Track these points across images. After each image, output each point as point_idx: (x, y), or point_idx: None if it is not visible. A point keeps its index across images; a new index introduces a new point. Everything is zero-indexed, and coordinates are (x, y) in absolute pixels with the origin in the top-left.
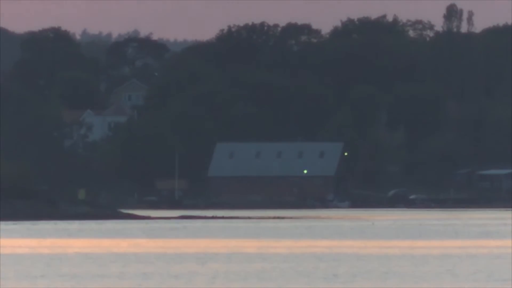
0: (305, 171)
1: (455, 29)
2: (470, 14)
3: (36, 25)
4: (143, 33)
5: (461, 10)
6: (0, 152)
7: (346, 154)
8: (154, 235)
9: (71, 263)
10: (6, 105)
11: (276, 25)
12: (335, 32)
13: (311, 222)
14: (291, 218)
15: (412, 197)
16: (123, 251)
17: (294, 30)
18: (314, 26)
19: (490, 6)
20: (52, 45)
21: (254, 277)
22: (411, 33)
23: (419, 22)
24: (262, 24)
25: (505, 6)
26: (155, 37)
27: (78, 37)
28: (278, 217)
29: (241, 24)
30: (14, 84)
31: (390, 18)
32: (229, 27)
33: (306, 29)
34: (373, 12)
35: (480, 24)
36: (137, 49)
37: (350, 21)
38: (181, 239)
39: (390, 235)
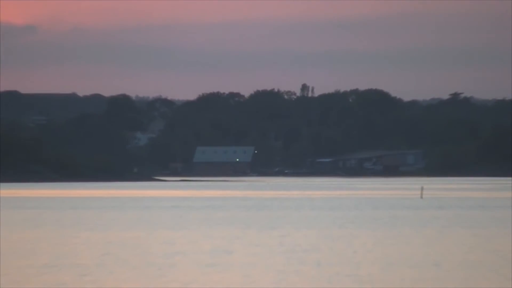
0: None
1: (305, 94)
2: (312, 88)
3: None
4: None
5: (308, 86)
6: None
7: None
8: None
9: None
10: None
11: None
12: None
13: None
14: None
15: None
16: None
17: None
18: None
19: (324, 81)
20: (123, 105)
21: None
22: (286, 97)
23: (293, 92)
24: None
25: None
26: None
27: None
28: None
29: None
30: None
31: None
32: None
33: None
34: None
35: (317, 92)
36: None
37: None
38: None
39: None
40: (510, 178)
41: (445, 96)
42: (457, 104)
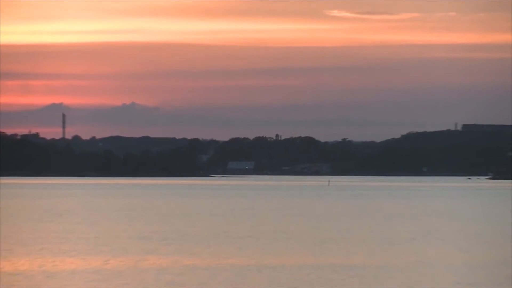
0: None
1: (277, 138)
2: (280, 135)
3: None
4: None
5: (279, 134)
6: None
7: None
8: None
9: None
10: None
11: None
12: None
13: None
14: None
15: None
16: None
17: None
18: None
19: (286, 132)
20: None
21: None
22: (269, 139)
23: (271, 137)
24: None
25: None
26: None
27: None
28: None
29: None
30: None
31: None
32: None
33: None
34: None
35: (283, 137)
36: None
37: None
38: None
39: None
40: (375, 176)
41: (339, 139)
42: (345, 143)
